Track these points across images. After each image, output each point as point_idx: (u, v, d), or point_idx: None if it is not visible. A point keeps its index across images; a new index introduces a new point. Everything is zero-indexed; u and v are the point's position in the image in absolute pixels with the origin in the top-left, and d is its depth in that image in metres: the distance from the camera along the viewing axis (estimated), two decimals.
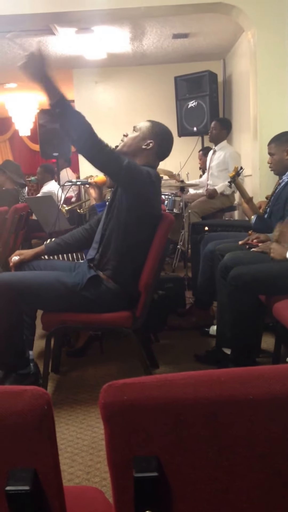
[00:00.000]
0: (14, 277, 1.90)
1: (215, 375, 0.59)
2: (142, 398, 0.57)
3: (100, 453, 1.59)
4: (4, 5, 3.36)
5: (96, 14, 3.54)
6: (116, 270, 1.91)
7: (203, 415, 0.57)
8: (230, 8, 3.43)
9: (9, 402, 0.57)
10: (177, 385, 0.57)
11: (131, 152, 1.97)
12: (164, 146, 2.01)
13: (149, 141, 1.96)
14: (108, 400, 0.57)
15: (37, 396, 0.57)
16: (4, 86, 6.23)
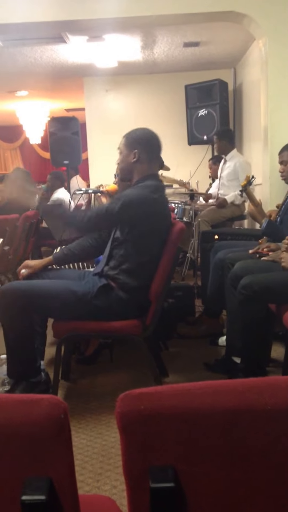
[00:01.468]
0: (25, 286, 1.90)
1: (232, 385, 0.58)
2: (159, 407, 0.56)
3: (110, 461, 1.58)
4: (17, 13, 3.41)
5: (108, 23, 3.58)
6: (125, 282, 1.91)
7: (220, 425, 0.56)
8: (242, 17, 3.45)
9: (26, 411, 0.56)
10: (195, 395, 0.57)
11: (128, 173, 2.01)
12: (150, 147, 1.99)
13: (133, 153, 1.95)
14: (125, 409, 0.56)
15: (54, 405, 0.56)
16: (15, 94, 6.31)
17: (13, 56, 4.77)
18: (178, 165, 4.47)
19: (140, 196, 1.88)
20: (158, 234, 1.94)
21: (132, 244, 1.90)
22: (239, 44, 4.69)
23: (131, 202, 1.86)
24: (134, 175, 1.97)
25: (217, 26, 4.12)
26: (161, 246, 1.96)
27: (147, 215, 1.87)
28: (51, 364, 2.21)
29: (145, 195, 1.88)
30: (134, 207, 1.86)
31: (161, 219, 1.94)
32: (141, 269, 1.91)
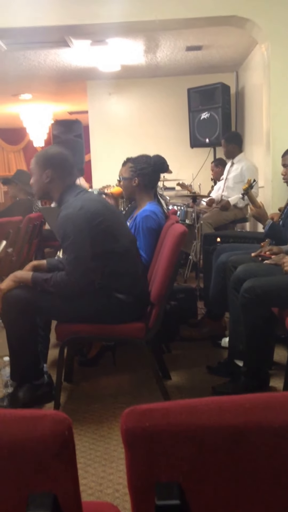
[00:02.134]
0: (27, 289, 1.91)
1: (239, 402, 0.57)
2: (164, 424, 0.56)
3: (112, 465, 1.58)
4: (21, 17, 3.44)
5: (111, 27, 3.61)
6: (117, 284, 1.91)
7: (227, 443, 0.56)
8: (244, 21, 3.47)
9: (30, 427, 0.55)
10: (201, 411, 0.56)
11: (45, 194, 1.98)
12: (61, 164, 1.94)
13: (46, 172, 1.92)
14: (130, 425, 0.56)
15: (58, 422, 0.55)
16: (19, 97, 6.34)
17: (17, 60, 4.81)
18: (180, 168, 4.49)
19: (70, 218, 1.84)
20: (112, 229, 1.91)
21: (100, 254, 1.89)
22: (241, 48, 4.72)
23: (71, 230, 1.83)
24: (53, 193, 1.96)
25: (219, 30, 4.15)
26: (125, 235, 1.96)
27: (88, 226, 1.85)
28: (54, 366, 2.21)
29: (71, 214, 1.84)
30: (75, 232, 1.83)
31: (101, 217, 1.88)
32: (122, 267, 1.92)
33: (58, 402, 1.93)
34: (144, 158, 2.48)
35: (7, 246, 3.20)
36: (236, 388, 2.03)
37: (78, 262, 1.84)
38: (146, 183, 2.46)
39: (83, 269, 1.86)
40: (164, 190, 4.72)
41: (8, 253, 3.35)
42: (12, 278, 1.91)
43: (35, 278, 1.89)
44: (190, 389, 2.14)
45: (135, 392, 2.14)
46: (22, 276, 1.92)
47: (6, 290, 1.88)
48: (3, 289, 1.89)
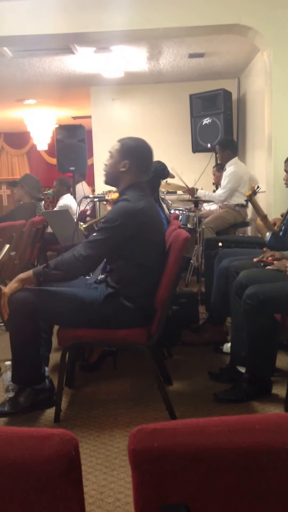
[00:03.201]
0: (32, 293, 1.91)
1: (249, 423, 0.56)
2: (173, 445, 0.54)
3: (113, 473, 1.57)
4: (27, 25, 3.49)
5: (115, 35, 3.66)
6: (129, 292, 1.91)
7: (236, 465, 0.54)
8: (246, 29, 3.52)
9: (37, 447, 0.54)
10: (210, 432, 0.55)
11: (113, 180, 1.99)
12: (141, 160, 1.98)
13: (124, 162, 1.94)
14: (138, 446, 0.55)
15: (65, 441, 0.54)
16: (24, 102, 6.40)
17: (22, 66, 4.86)
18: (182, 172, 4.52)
19: (125, 209, 1.86)
20: (153, 242, 1.93)
21: (128, 257, 1.90)
22: (243, 55, 4.76)
23: (118, 217, 1.85)
24: (121, 183, 1.98)
25: (221, 38, 4.19)
26: (160, 253, 1.96)
27: (136, 226, 1.86)
28: (55, 370, 2.21)
29: (129, 207, 1.86)
30: (122, 222, 1.84)
31: (151, 226, 1.92)
32: (142, 279, 1.91)
33: (59, 408, 1.93)
34: None
35: (10, 250, 3.23)
36: (238, 394, 2.03)
37: (100, 245, 1.85)
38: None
39: (98, 253, 1.87)
40: (166, 194, 4.75)
41: (11, 257, 3.38)
42: (15, 281, 1.92)
43: (36, 270, 1.92)
44: (191, 395, 2.14)
45: (136, 397, 2.14)
46: (24, 276, 1.93)
47: (10, 293, 1.88)
48: (7, 292, 1.88)
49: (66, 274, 1.90)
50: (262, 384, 2.06)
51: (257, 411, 1.97)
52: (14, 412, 1.94)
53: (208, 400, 2.06)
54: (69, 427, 1.87)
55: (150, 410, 2.00)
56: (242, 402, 2.01)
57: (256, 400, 2.03)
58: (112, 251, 1.90)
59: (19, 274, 1.96)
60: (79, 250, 1.86)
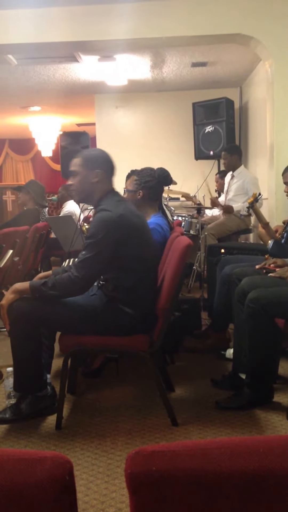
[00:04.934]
0: (33, 301, 1.89)
1: (253, 445, 0.54)
2: (172, 469, 0.52)
3: (115, 481, 1.55)
4: (32, 33, 3.54)
5: (119, 43, 3.71)
6: (128, 299, 1.90)
7: (239, 490, 0.52)
8: (248, 39, 3.56)
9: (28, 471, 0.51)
10: (212, 455, 0.52)
11: (87, 195, 1.95)
12: (109, 165, 1.96)
13: (95, 172, 1.91)
14: (135, 470, 0.52)
15: (58, 465, 0.51)
16: (29, 109, 6.46)
17: (27, 74, 4.92)
18: (184, 179, 4.55)
19: (105, 220, 1.83)
20: (141, 245, 1.90)
21: (119, 265, 1.88)
22: (245, 64, 4.81)
23: (100, 230, 1.82)
24: (95, 195, 1.94)
25: (224, 47, 4.24)
26: (151, 254, 1.95)
27: (120, 234, 1.83)
28: (57, 376, 2.21)
29: (109, 216, 1.83)
30: (105, 233, 1.81)
31: (135, 230, 1.89)
32: (138, 283, 1.89)
33: (61, 415, 1.92)
34: (149, 171, 2.52)
35: (13, 255, 3.25)
36: (240, 402, 2.03)
37: (92, 262, 1.83)
38: (150, 196, 2.50)
39: (92, 270, 1.85)
40: (168, 200, 4.78)
41: (15, 262, 3.40)
42: (11, 291, 1.89)
43: (32, 285, 1.89)
44: (193, 402, 2.13)
45: (138, 404, 2.13)
46: (20, 287, 1.90)
47: (7, 304, 1.86)
48: (4, 304, 1.87)
49: (63, 294, 1.87)
50: (264, 391, 2.06)
51: (259, 418, 1.97)
52: (16, 419, 1.94)
53: (210, 407, 2.06)
54: (71, 434, 1.87)
55: (152, 417, 2.00)
56: (244, 409, 2.01)
57: (258, 407, 2.03)
58: (104, 264, 1.88)
59: (15, 284, 1.94)
60: (73, 272, 1.83)
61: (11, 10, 3.48)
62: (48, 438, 1.86)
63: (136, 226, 1.91)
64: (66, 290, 1.86)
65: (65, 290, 1.86)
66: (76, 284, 1.84)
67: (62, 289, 1.85)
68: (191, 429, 1.90)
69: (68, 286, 1.84)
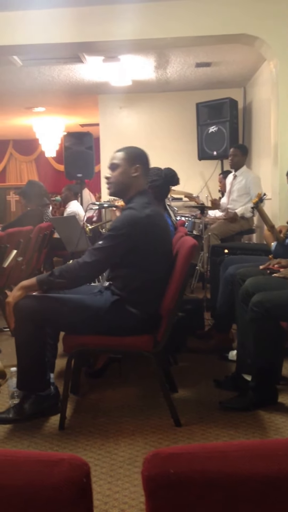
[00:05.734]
0: (39, 301, 1.90)
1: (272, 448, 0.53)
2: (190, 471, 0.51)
3: (118, 482, 1.54)
4: (37, 34, 3.55)
5: (123, 44, 3.71)
6: (135, 300, 1.91)
7: (258, 493, 0.51)
8: (253, 39, 3.55)
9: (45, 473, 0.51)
10: (230, 458, 0.52)
11: (123, 189, 1.97)
12: (147, 164, 2.01)
13: (135, 167, 1.95)
14: (153, 472, 0.51)
15: (75, 467, 0.51)
16: (33, 110, 6.48)
17: (32, 75, 4.94)
18: (187, 179, 4.55)
19: (130, 218, 1.86)
20: (159, 251, 1.92)
21: (133, 265, 1.89)
22: (250, 64, 4.80)
23: (123, 226, 1.85)
24: (131, 190, 1.97)
25: (228, 48, 4.23)
26: (167, 261, 1.95)
27: (141, 235, 1.85)
28: (60, 376, 2.21)
29: (135, 215, 1.86)
30: (127, 230, 1.84)
31: (157, 235, 1.91)
32: (148, 287, 1.90)
33: (64, 415, 1.92)
34: (155, 171, 2.52)
35: (17, 255, 3.26)
36: (244, 403, 2.02)
37: (105, 252, 1.85)
38: (156, 195, 2.49)
39: (102, 261, 1.87)
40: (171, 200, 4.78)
41: (18, 262, 3.41)
42: (18, 288, 1.90)
43: (39, 278, 1.91)
44: (197, 403, 2.13)
45: (141, 405, 2.13)
46: (27, 283, 1.92)
47: (14, 301, 1.87)
48: (11, 301, 1.87)
49: (71, 281, 1.89)
50: (268, 392, 2.05)
51: (263, 420, 1.96)
52: (19, 419, 1.94)
53: (213, 408, 2.06)
54: (74, 434, 1.87)
55: (155, 417, 2.00)
56: (248, 410, 2.01)
57: (262, 409, 2.03)
58: (117, 258, 1.90)
59: (21, 282, 1.96)
60: (83, 258, 1.86)
61: (16, 12, 3.49)
62: (51, 438, 1.86)
63: (159, 231, 1.93)
64: (73, 276, 1.87)
65: (72, 276, 1.87)
66: (83, 269, 1.85)
67: (70, 275, 1.86)
68: (195, 429, 1.89)
69: (75, 273, 1.86)
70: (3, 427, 1.94)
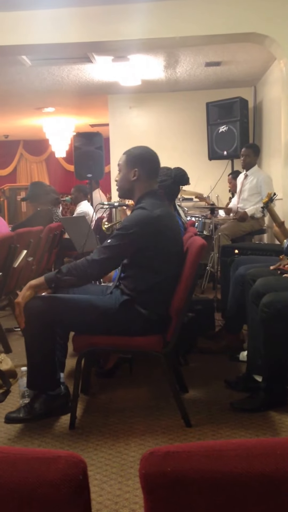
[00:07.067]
0: (47, 301, 1.90)
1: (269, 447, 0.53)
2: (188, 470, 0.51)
3: (128, 482, 1.54)
4: (46, 34, 3.57)
5: (132, 44, 3.71)
6: (145, 300, 1.90)
7: (256, 492, 0.51)
8: (263, 38, 3.52)
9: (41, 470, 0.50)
10: (228, 457, 0.52)
11: (127, 192, 1.99)
12: (149, 165, 1.97)
13: (133, 171, 1.94)
14: (150, 470, 0.51)
15: (72, 464, 0.51)
16: (43, 110, 6.52)
17: (41, 75, 4.96)
18: (198, 180, 4.53)
19: (141, 217, 1.85)
20: (169, 251, 1.90)
21: (143, 265, 1.89)
22: (260, 63, 4.77)
23: (133, 225, 1.84)
24: (135, 192, 1.97)
25: (238, 47, 4.21)
26: (177, 261, 1.94)
27: (151, 235, 1.85)
28: (70, 376, 2.22)
29: (145, 215, 1.85)
30: (137, 230, 1.83)
31: (167, 235, 1.90)
32: (158, 288, 1.89)
33: (74, 415, 1.93)
34: (165, 170, 2.51)
35: (27, 255, 3.27)
36: (255, 404, 2.01)
37: (114, 251, 1.84)
38: (166, 195, 2.48)
39: (111, 259, 1.86)
40: (182, 201, 4.77)
41: (29, 262, 3.43)
42: (26, 288, 1.90)
43: (47, 276, 1.91)
44: (207, 404, 2.12)
45: (152, 405, 2.13)
46: (36, 282, 1.91)
47: (23, 302, 1.87)
48: (20, 302, 1.87)
49: (78, 279, 1.88)
50: (279, 393, 2.04)
51: (274, 421, 1.95)
52: (29, 419, 1.95)
53: (224, 408, 2.05)
54: (84, 434, 1.88)
55: (166, 418, 1.99)
56: (258, 411, 1.99)
57: (273, 409, 2.01)
58: (125, 257, 1.90)
59: (30, 281, 1.95)
60: (92, 255, 1.86)
61: (25, 11, 3.51)
62: (61, 438, 1.87)
63: (169, 231, 1.92)
64: (80, 273, 1.86)
65: (80, 274, 1.86)
66: (91, 267, 1.85)
67: (77, 273, 1.86)
68: (205, 430, 1.89)
69: (83, 270, 1.85)
70: (14, 426, 1.96)
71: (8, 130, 8.02)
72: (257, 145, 4.67)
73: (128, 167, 1.96)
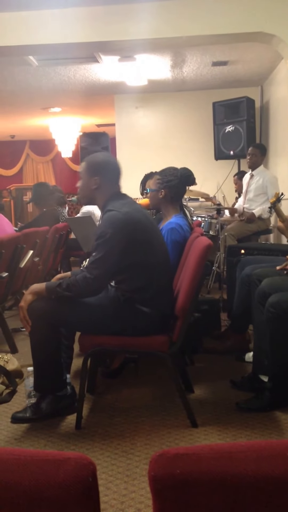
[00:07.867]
0: (51, 302, 1.89)
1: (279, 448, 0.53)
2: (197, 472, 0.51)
3: (134, 482, 1.55)
4: (52, 34, 3.58)
5: (139, 43, 3.71)
6: (144, 298, 1.90)
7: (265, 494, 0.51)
8: (270, 37, 3.51)
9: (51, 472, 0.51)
10: (237, 459, 0.52)
11: (89, 200, 1.99)
12: (110, 173, 1.96)
13: (94, 179, 1.93)
14: (159, 472, 0.51)
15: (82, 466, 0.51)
16: (49, 110, 6.54)
17: (47, 75, 4.98)
18: (204, 179, 4.53)
19: (112, 219, 1.85)
20: (150, 242, 1.91)
21: (131, 264, 1.88)
22: (267, 63, 4.75)
23: (107, 229, 1.83)
24: (98, 200, 1.97)
25: (245, 46, 4.19)
26: (161, 251, 1.95)
27: (128, 232, 1.85)
28: (77, 376, 2.22)
29: (114, 215, 1.85)
30: (113, 232, 1.82)
31: (142, 228, 1.89)
32: (151, 281, 1.90)
33: (81, 415, 1.93)
34: (171, 171, 2.51)
35: (33, 256, 3.29)
36: (261, 404, 2.01)
37: (103, 262, 1.84)
38: (172, 195, 2.49)
39: (105, 270, 1.85)
40: (188, 201, 4.76)
41: (35, 262, 3.44)
42: (28, 292, 1.91)
43: (48, 286, 1.90)
44: (213, 404, 2.12)
45: (158, 405, 2.13)
46: (37, 288, 1.92)
47: (26, 305, 1.88)
48: (23, 306, 1.88)
49: (78, 296, 1.89)
50: (285, 393, 2.03)
51: (280, 421, 1.94)
52: (36, 419, 1.96)
53: (230, 408, 2.05)
54: (90, 434, 1.88)
55: (172, 418, 1.99)
56: (264, 411, 1.99)
57: (279, 409, 2.01)
58: (118, 261, 1.88)
59: (32, 285, 1.96)
60: (86, 274, 1.85)
61: (32, 11, 3.52)
62: (67, 437, 1.87)
63: (143, 224, 1.91)
64: (80, 291, 1.87)
65: (79, 291, 1.87)
66: (90, 285, 1.85)
67: (76, 290, 1.86)
68: (211, 430, 1.88)
69: (82, 287, 1.86)
70: (20, 426, 1.97)
71: (14, 130, 8.05)
72: (264, 145, 4.66)
73: (88, 175, 1.95)
